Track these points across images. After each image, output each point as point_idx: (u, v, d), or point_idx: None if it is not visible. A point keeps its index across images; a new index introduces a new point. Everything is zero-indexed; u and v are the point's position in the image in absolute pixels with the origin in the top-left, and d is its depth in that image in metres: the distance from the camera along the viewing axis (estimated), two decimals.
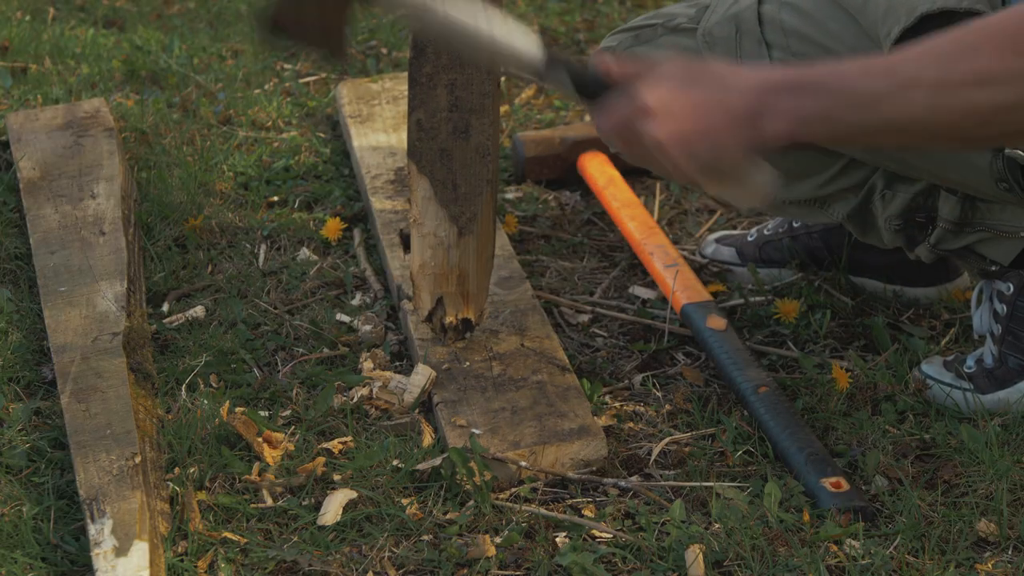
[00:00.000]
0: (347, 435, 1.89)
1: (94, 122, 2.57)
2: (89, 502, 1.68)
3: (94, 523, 1.64)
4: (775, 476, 1.80)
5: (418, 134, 1.92)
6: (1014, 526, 1.71)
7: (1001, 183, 1.76)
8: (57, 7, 3.48)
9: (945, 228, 1.89)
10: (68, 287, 2.12)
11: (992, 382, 1.92)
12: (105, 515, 1.65)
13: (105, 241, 2.22)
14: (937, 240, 1.91)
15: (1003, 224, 1.85)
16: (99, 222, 2.26)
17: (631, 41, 1.99)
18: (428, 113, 1.92)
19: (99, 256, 2.18)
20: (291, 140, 2.75)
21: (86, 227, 2.25)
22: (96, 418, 1.83)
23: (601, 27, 3.41)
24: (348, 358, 2.07)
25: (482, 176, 1.94)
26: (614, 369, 2.07)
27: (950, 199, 1.87)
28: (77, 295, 2.10)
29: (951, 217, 1.88)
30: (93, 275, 2.13)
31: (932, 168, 1.84)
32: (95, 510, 1.66)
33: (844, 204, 1.97)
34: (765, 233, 2.28)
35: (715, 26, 1.90)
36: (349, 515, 1.74)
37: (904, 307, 2.19)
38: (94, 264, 2.16)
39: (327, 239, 2.39)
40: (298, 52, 1.94)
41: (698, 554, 1.63)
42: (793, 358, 2.06)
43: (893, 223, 1.94)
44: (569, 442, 1.83)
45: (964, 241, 1.90)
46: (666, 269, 2.18)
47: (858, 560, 1.65)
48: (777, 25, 1.84)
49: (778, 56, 1.83)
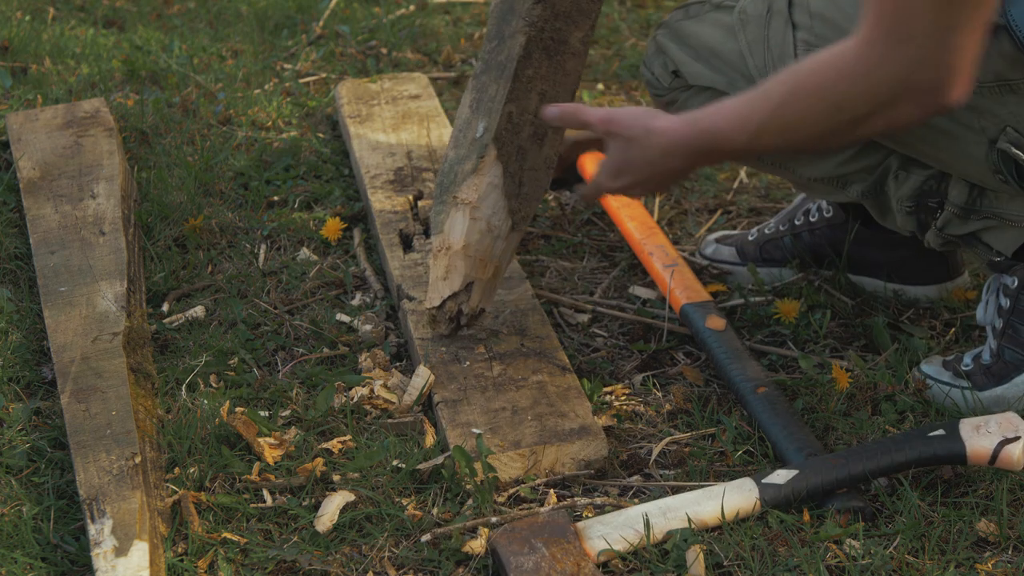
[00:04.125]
0: (347, 435, 1.89)
1: (94, 122, 2.58)
2: (89, 502, 1.68)
3: (94, 523, 1.64)
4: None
5: (507, 125, 1.98)
6: (1014, 526, 1.71)
7: (997, 175, 1.81)
8: (57, 7, 3.48)
9: (952, 212, 1.92)
10: (68, 287, 2.12)
11: (990, 378, 1.92)
12: (105, 515, 1.65)
13: (105, 241, 2.22)
14: (944, 223, 1.93)
15: (1009, 212, 1.88)
16: (99, 222, 2.26)
17: (681, 15, 2.10)
18: (519, 110, 1.99)
19: (99, 256, 2.18)
20: (291, 140, 2.75)
21: (86, 227, 2.25)
22: (96, 418, 1.83)
23: (601, 27, 3.41)
24: (348, 358, 2.07)
25: (542, 185, 2.02)
26: (614, 369, 2.07)
27: (959, 183, 1.90)
28: (77, 295, 2.09)
29: (959, 201, 1.90)
30: (93, 275, 2.13)
31: (939, 159, 1.88)
32: (95, 510, 1.66)
33: (861, 183, 2.00)
34: (766, 232, 2.29)
35: (749, 4, 2.00)
36: (349, 515, 1.74)
37: (904, 307, 2.19)
38: (94, 264, 2.16)
39: (327, 239, 2.39)
40: None
41: (698, 554, 1.63)
42: (793, 358, 2.07)
43: (905, 205, 1.96)
44: (569, 442, 1.83)
45: (970, 227, 1.92)
46: (665, 269, 2.18)
47: (858, 560, 1.65)
48: (805, 7, 1.92)
49: (802, 37, 1.90)
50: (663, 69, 2.09)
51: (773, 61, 1.92)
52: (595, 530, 1.66)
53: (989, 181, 1.85)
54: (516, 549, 1.62)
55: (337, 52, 3.25)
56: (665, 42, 2.09)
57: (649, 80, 2.14)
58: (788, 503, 1.72)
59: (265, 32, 3.37)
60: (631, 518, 1.68)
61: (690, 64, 2.05)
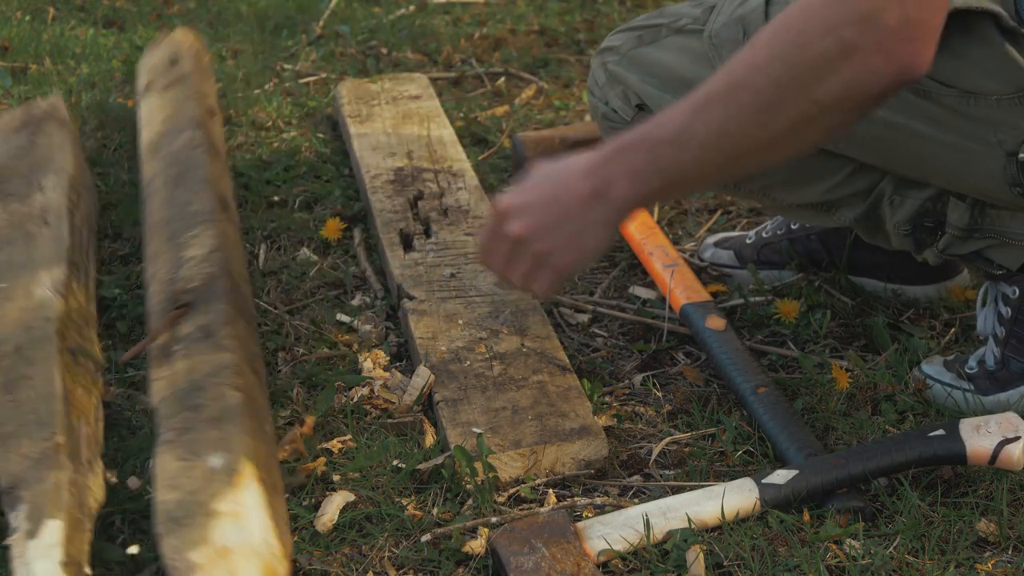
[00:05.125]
0: (347, 435, 1.89)
1: (48, 118, 2.48)
2: (8, 490, 1.60)
3: (13, 511, 1.56)
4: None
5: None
6: (1014, 526, 1.71)
7: (1015, 188, 1.75)
8: (57, 7, 3.48)
9: (953, 235, 1.88)
10: (9, 282, 2.01)
11: (993, 384, 1.92)
12: (21, 500, 1.57)
13: (48, 231, 2.12)
14: (945, 246, 1.90)
15: (1012, 231, 1.84)
16: (44, 213, 2.17)
17: (635, 42, 1.99)
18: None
19: (40, 246, 2.09)
20: (291, 140, 2.75)
21: (31, 220, 2.16)
22: (22, 406, 1.74)
23: (601, 27, 3.41)
24: (348, 358, 2.07)
25: None
26: (614, 369, 2.07)
27: (959, 206, 1.86)
28: (17, 289, 2.00)
29: (960, 224, 1.87)
30: (33, 266, 2.03)
31: (945, 176, 1.83)
32: (13, 498, 1.58)
33: (851, 209, 1.96)
34: (764, 236, 2.28)
35: (722, 28, 1.89)
36: (349, 515, 1.74)
37: (904, 307, 2.19)
38: (35, 255, 2.06)
39: (327, 239, 2.39)
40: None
41: (698, 554, 1.63)
42: (793, 358, 2.07)
43: (902, 228, 1.93)
44: (570, 442, 1.83)
45: (972, 247, 1.89)
46: (665, 269, 2.18)
47: (858, 560, 1.65)
48: None
49: None
50: (623, 102, 1.97)
51: None
52: (595, 530, 1.66)
53: (1003, 195, 1.78)
54: (516, 549, 1.62)
55: (337, 52, 3.25)
56: (620, 71, 1.97)
57: (605, 113, 1.99)
58: (788, 503, 1.72)
59: (265, 32, 3.37)
60: (631, 518, 1.68)
61: (657, 96, 1.93)
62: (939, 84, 1.72)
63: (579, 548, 1.63)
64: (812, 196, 1.96)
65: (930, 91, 1.73)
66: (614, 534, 1.66)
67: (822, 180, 1.94)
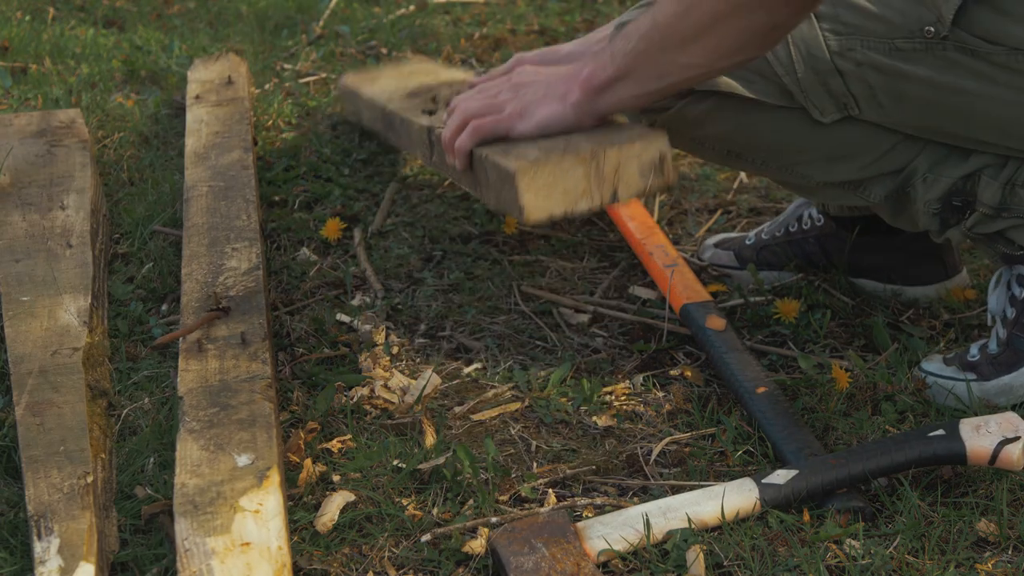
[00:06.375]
0: (347, 435, 1.89)
1: (68, 133, 2.51)
2: (37, 519, 1.61)
3: (40, 540, 1.58)
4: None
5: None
6: (1014, 526, 1.71)
7: None
8: (57, 7, 3.49)
9: (984, 213, 1.90)
10: (31, 297, 2.05)
11: (997, 368, 1.92)
12: (52, 533, 1.59)
13: (72, 254, 2.16)
14: (974, 224, 1.92)
15: None
16: (67, 234, 2.21)
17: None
18: None
19: (64, 269, 2.12)
20: (291, 140, 2.75)
21: (53, 238, 2.19)
22: (50, 433, 1.76)
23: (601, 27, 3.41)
24: (348, 358, 2.07)
25: None
26: (614, 369, 2.07)
27: (991, 184, 1.88)
28: (39, 306, 2.03)
29: (991, 202, 1.89)
30: (57, 287, 2.07)
31: (998, 132, 1.85)
32: (43, 528, 1.60)
33: (882, 187, 1.96)
34: (763, 238, 2.28)
35: None
36: (349, 515, 1.74)
37: (904, 307, 2.19)
38: (59, 276, 2.09)
39: (327, 239, 2.39)
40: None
41: (698, 554, 1.63)
42: (793, 358, 2.07)
43: (932, 207, 1.94)
44: (631, 143, 1.78)
45: (999, 226, 1.91)
46: (665, 269, 2.18)
47: (858, 560, 1.65)
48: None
49: (828, 28, 1.85)
50: None
51: (802, 57, 1.86)
52: (595, 530, 1.66)
53: None
54: (516, 549, 1.62)
55: (337, 52, 3.26)
56: None
57: None
58: (788, 503, 1.72)
59: (265, 32, 3.37)
60: (631, 518, 1.68)
61: None
62: (986, 42, 1.76)
63: (579, 548, 1.63)
64: (846, 174, 1.96)
65: (978, 49, 1.77)
66: (614, 534, 1.66)
67: (859, 157, 1.94)
